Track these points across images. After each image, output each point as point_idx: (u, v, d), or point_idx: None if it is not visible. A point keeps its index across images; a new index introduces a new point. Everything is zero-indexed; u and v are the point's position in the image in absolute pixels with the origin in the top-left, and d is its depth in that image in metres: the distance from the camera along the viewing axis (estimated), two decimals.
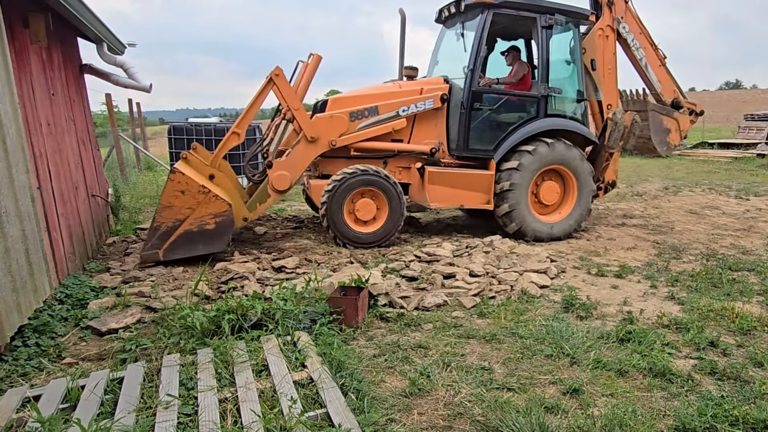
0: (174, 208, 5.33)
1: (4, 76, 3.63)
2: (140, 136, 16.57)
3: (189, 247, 5.41)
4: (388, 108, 6.41)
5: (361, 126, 6.32)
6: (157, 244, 5.32)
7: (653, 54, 7.62)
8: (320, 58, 6.34)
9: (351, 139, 6.29)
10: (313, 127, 6.10)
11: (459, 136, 6.56)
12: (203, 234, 5.42)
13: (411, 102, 6.49)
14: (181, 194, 5.32)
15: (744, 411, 2.86)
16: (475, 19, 6.57)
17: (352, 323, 4.10)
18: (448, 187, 6.56)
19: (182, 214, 5.32)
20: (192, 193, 5.35)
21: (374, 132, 6.39)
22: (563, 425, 2.84)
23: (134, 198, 10.23)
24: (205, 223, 5.38)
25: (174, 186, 5.34)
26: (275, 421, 2.62)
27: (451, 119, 6.66)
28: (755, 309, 4.56)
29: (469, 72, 6.42)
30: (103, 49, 6.80)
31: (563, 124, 6.87)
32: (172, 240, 5.34)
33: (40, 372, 3.42)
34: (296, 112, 6.04)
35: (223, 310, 3.83)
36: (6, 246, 3.42)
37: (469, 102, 6.43)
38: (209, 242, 5.46)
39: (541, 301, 4.76)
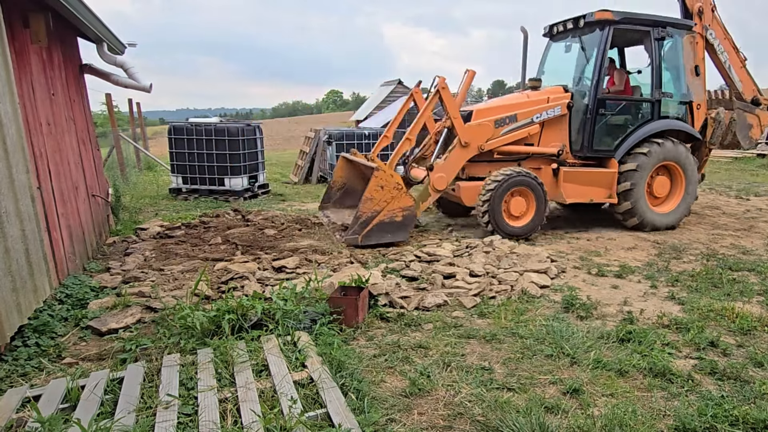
0: (374, 201, 6.20)
1: (4, 76, 3.63)
2: (140, 136, 16.58)
3: (381, 235, 6.31)
4: (524, 116, 7.24)
5: (503, 132, 7.14)
6: (358, 231, 6.20)
7: (735, 56, 8.29)
8: (474, 73, 7.42)
9: (495, 143, 7.11)
10: (467, 134, 6.87)
11: (583, 139, 7.38)
12: (393, 225, 6.34)
13: (542, 110, 7.29)
14: (380, 189, 6.18)
15: (744, 411, 2.86)
16: (593, 34, 7.40)
17: (352, 323, 4.10)
18: (578, 185, 7.40)
19: (379, 206, 6.21)
20: (389, 188, 6.24)
21: (514, 137, 7.20)
22: (563, 425, 2.84)
23: (134, 198, 10.24)
24: (395, 216, 6.30)
25: (377, 181, 6.18)
26: (275, 421, 2.62)
27: (575, 124, 7.47)
28: (755, 309, 4.56)
29: (595, 82, 7.22)
30: (103, 49, 6.80)
31: (674, 124, 7.64)
32: (369, 228, 6.23)
33: (40, 372, 3.42)
34: (455, 120, 6.86)
35: (223, 310, 3.83)
36: (6, 246, 3.42)
37: (594, 108, 7.23)
38: (396, 232, 6.38)
39: (541, 301, 4.76)
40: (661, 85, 7.46)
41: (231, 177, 10.60)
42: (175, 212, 9.08)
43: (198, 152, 10.61)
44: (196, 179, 10.72)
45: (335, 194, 8.15)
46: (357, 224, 6.16)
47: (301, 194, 11.73)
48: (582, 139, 7.37)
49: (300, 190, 12.47)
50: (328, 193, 8.22)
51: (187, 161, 10.65)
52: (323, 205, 8.22)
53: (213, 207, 9.63)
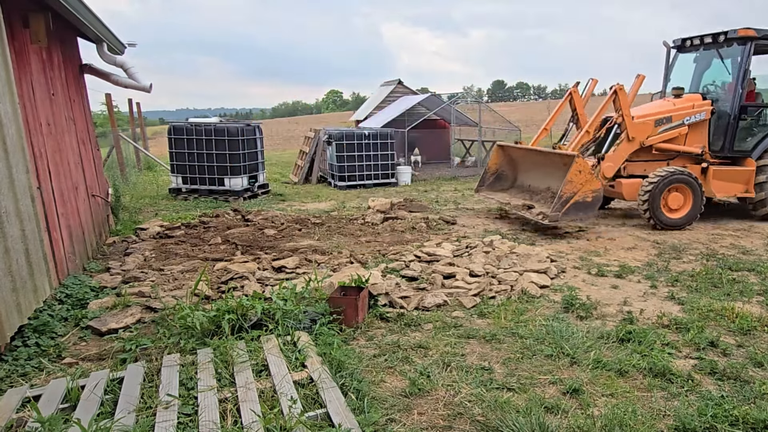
0: (573, 183, 6.89)
1: (4, 76, 3.63)
2: (140, 136, 16.58)
3: (574, 214, 7.03)
4: (677, 117, 8.10)
5: (661, 130, 8.01)
6: (558, 208, 6.90)
7: None
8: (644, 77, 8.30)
9: (654, 140, 7.97)
10: (634, 129, 7.76)
11: (724, 140, 8.24)
12: (584, 205, 7.03)
13: (691, 113, 8.15)
14: (579, 173, 6.90)
15: (744, 411, 2.87)
16: (732, 48, 8.19)
17: (352, 323, 4.10)
18: (724, 181, 8.21)
19: (576, 188, 6.91)
20: (585, 173, 6.98)
21: (668, 136, 8.07)
22: (563, 425, 2.84)
23: (134, 198, 10.24)
24: (587, 197, 7.02)
25: (577, 166, 6.88)
26: (275, 421, 2.62)
27: (715, 127, 8.35)
28: (755, 309, 4.56)
29: (739, 92, 8.05)
30: (103, 49, 6.79)
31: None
32: (567, 207, 6.94)
33: (40, 372, 3.42)
34: (627, 117, 7.69)
35: (223, 310, 3.83)
36: (6, 246, 3.42)
37: (737, 114, 8.10)
38: (586, 211, 7.08)
39: (541, 301, 4.76)
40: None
41: (231, 177, 10.61)
42: (175, 212, 9.08)
43: (198, 152, 10.61)
44: (195, 179, 10.72)
45: (489, 179, 9.06)
46: (558, 203, 6.87)
47: (301, 194, 11.73)
48: (723, 140, 8.24)
49: (300, 190, 12.47)
50: (483, 178, 9.16)
51: (187, 161, 10.65)
52: (479, 188, 9.13)
53: (213, 207, 9.63)
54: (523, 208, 7.69)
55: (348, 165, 12.48)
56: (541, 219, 6.99)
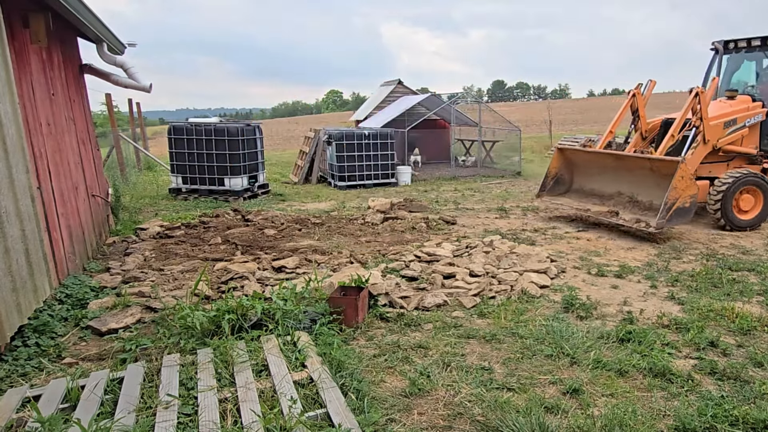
0: (677, 190, 6.75)
1: (4, 76, 3.63)
2: (140, 136, 16.58)
3: (676, 219, 6.89)
4: (741, 119, 8.19)
5: (728, 132, 8.06)
6: (664, 216, 6.75)
7: None
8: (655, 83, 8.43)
9: (724, 142, 8.00)
10: (710, 132, 7.74)
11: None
12: (684, 210, 6.90)
13: (752, 115, 8.30)
14: (681, 179, 6.76)
15: (744, 411, 2.87)
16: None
17: (352, 323, 4.10)
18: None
19: (678, 194, 6.79)
20: (686, 178, 6.84)
21: (733, 138, 8.13)
22: (563, 425, 2.84)
23: (134, 198, 10.24)
24: (686, 202, 6.86)
25: (681, 172, 6.74)
26: (275, 421, 2.62)
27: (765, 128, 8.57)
28: (755, 309, 4.56)
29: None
30: (103, 49, 6.79)
31: None
32: (671, 213, 6.79)
33: (40, 372, 3.42)
34: (705, 120, 7.65)
35: (223, 310, 3.83)
36: (6, 246, 3.42)
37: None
38: (684, 216, 6.95)
39: (541, 301, 4.76)
40: None
41: (231, 177, 10.61)
42: (174, 212, 9.08)
43: (198, 152, 10.61)
44: (195, 179, 10.72)
45: (549, 183, 8.87)
46: (664, 210, 6.75)
47: (301, 194, 11.73)
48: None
49: (300, 190, 12.47)
50: (543, 183, 8.95)
51: (187, 161, 10.65)
52: (540, 193, 8.92)
53: (213, 207, 9.63)
54: (610, 215, 7.58)
55: (348, 165, 12.48)
56: (644, 227, 6.94)
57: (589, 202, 8.21)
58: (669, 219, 6.83)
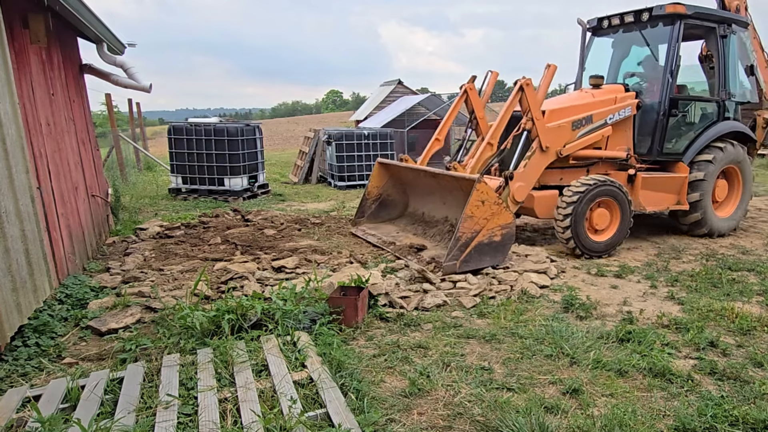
0: (474, 219, 5.22)
1: (4, 76, 3.63)
2: (140, 136, 16.57)
3: (479, 259, 5.32)
4: (599, 117, 6.60)
5: (579, 134, 6.49)
6: (457, 255, 5.20)
7: (762, 56, 8.10)
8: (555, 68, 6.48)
9: (573, 148, 6.43)
10: (548, 137, 6.18)
11: (653, 141, 6.86)
12: (491, 246, 5.37)
13: (615, 110, 6.69)
14: (480, 204, 5.21)
15: (744, 411, 2.87)
16: (658, 29, 6.86)
17: (352, 323, 4.10)
18: (655, 191, 6.85)
19: (479, 225, 5.25)
20: (490, 203, 5.26)
21: (589, 140, 6.57)
22: (563, 425, 2.84)
23: (134, 198, 10.24)
24: (494, 235, 5.35)
25: (478, 195, 5.18)
26: (275, 421, 2.62)
27: (641, 125, 6.97)
28: (755, 309, 4.56)
29: (668, 81, 6.65)
30: (102, 49, 6.80)
31: (737, 126, 7.34)
32: (468, 252, 5.24)
33: (40, 372, 3.42)
34: (537, 122, 6.12)
35: (223, 310, 3.83)
36: (6, 246, 3.42)
37: (667, 108, 6.71)
38: (495, 254, 5.42)
39: (541, 301, 4.76)
40: (726, 85, 7.13)
41: (230, 177, 10.61)
42: (174, 212, 9.08)
43: (197, 152, 10.61)
44: (195, 179, 10.72)
45: (370, 207, 7.22)
46: (456, 248, 5.20)
47: (301, 194, 11.74)
48: (651, 141, 6.89)
49: (299, 190, 12.47)
50: (362, 207, 7.29)
51: (187, 161, 10.65)
52: (357, 220, 7.27)
53: (212, 207, 9.63)
54: (411, 252, 5.86)
55: (348, 165, 12.48)
56: (434, 269, 5.27)
57: (414, 230, 6.65)
58: (467, 259, 5.23)
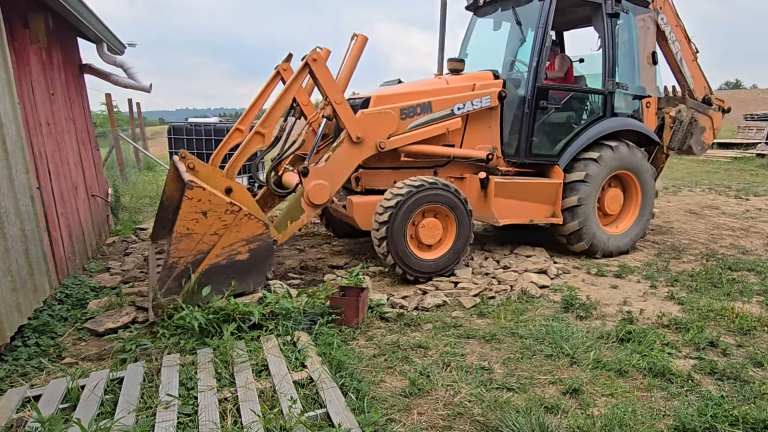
0: (194, 237, 3.91)
1: (4, 76, 3.63)
2: (140, 136, 16.57)
3: (217, 285, 4.00)
4: (442, 105, 5.41)
5: (412, 125, 5.28)
6: (174, 288, 3.89)
7: (687, 48, 7.07)
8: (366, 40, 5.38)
9: (401, 140, 5.22)
10: (359, 126, 4.96)
11: (520, 140, 5.72)
12: (235, 268, 4.12)
13: (466, 99, 5.50)
14: (202, 217, 3.91)
15: (744, 411, 2.87)
16: (531, 5, 5.83)
17: (352, 323, 4.10)
18: (515, 200, 5.74)
19: (203, 243, 3.96)
20: (217, 213, 3.96)
21: (427, 133, 5.36)
22: (563, 425, 2.84)
23: (134, 198, 10.23)
24: (235, 253, 4.11)
25: (194, 205, 3.87)
26: (275, 421, 2.62)
27: (508, 120, 5.84)
28: (755, 309, 4.56)
29: (534, 65, 5.55)
30: (102, 49, 6.80)
31: (630, 124, 6.22)
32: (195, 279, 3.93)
33: (40, 372, 3.42)
34: (338, 106, 4.89)
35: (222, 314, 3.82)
36: (6, 246, 3.42)
37: (534, 100, 5.60)
38: (244, 277, 4.18)
39: (541, 301, 4.76)
40: (614, 74, 5.96)
41: None
42: None
43: (198, 152, 10.59)
44: None
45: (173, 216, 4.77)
46: (171, 278, 3.88)
47: None
48: (518, 140, 5.73)
49: None
50: (160, 218, 5.74)
51: None
52: (156, 234, 5.77)
53: None
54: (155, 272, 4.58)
55: None
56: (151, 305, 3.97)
57: None
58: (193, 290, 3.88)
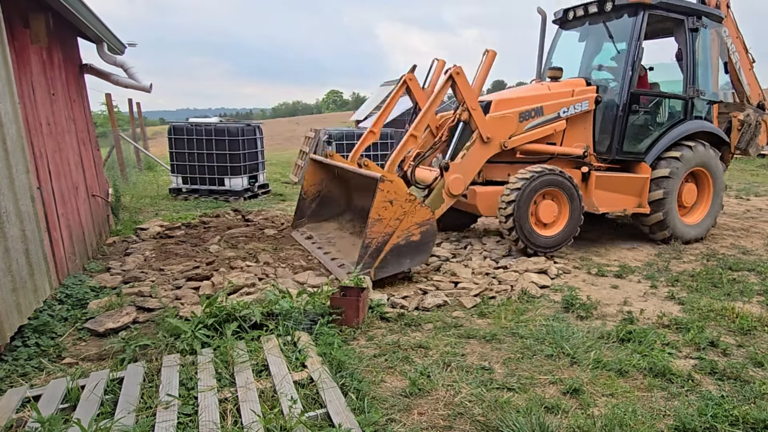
0: (383, 222, 4.88)
1: (5, 76, 3.63)
2: (140, 136, 16.58)
3: (397, 263, 5.01)
4: (551, 109, 6.29)
5: (528, 127, 6.17)
6: (369, 263, 4.87)
7: (745, 58, 7.83)
8: (495, 54, 6.05)
9: (519, 140, 6.11)
10: (488, 127, 5.85)
11: (613, 139, 6.53)
12: (410, 247, 5.05)
13: (569, 103, 6.39)
14: (389, 205, 4.87)
15: (744, 411, 2.87)
16: (622, 20, 6.57)
17: (353, 323, 4.10)
18: (611, 192, 6.57)
19: (390, 227, 4.91)
20: (400, 202, 4.92)
21: (539, 134, 6.25)
22: (563, 425, 2.84)
23: (134, 198, 10.24)
24: (411, 235, 5.01)
25: (384, 196, 4.85)
26: (275, 421, 2.62)
27: (601, 121, 6.64)
28: (755, 309, 4.56)
29: (629, 74, 6.36)
30: (103, 49, 6.80)
31: (706, 126, 7.01)
32: (382, 257, 4.93)
33: (40, 372, 3.42)
34: (474, 111, 5.78)
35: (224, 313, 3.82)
36: (6, 246, 3.42)
37: (627, 104, 6.40)
38: (415, 255, 5.10)
39: (541, 301, 4.76)
40: (695, 82, 6.80)
41: (231, 177, 10.61)
42: (175, 212, 9.08)
43: (198, 152, 10.61)
44: (196, 179, 10.72)
45: (309, 206, 6.92)
46: (367, 255, 4.86)
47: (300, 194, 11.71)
48: (610, 139, 6.58)
49: (300, 189, 12.46)
50: (300, 208, 6.92)
51: (187, 161, 10.65)
52: (297, 223, 6.93)
53: (213, 207, 9.63)
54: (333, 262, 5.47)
55: None
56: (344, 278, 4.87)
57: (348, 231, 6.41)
58: (382, 265, 4.91)
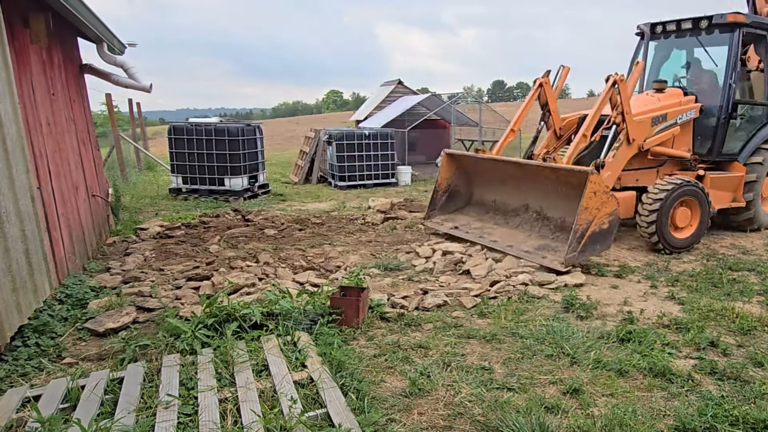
0: (589, 210, 5.43)
1: (5, 76, 3.63)
2: (140, 136, 16.58)
3: (591, 248, 5.60)
4: (672, 116, 6.96)
5: (657, 131, 6.81)
6: (575, 247, 5.43)
7: None
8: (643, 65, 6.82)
9: (652, 142, 6.76)
10: (635, 130, 6.48)
11: (714, 142, 7.31)
12: (601, 234, 5.61)
13: (682, 111, 7.08)
14: (593, 195, 5.41)
15: (744, 411, 2.86)
16: (716, 36, 7.28)
17: (353, 323, 4.10)
18: (719, 190, 7.25)
19: (592, 215, 5.48)
20: (600, 193, 5.48)
21: (663, 137, 6.90)
22: (563, 425, 2.84)
23: (134, 198, 10.24)
24: (603, 223, 5.59)
25: (592, 187, 5.38)
26: (275, 421, 2.62)
27: (701, 127, 7.38)
28: (755, 309, 4.56)
29: (729, 85, 7.11)
30: (103, 49, 6.80)
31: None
32: (584, 242, 5.48)
33: (40, 372, 3.42)
34: (627, 115, 6.38)
35: (224, 313, 3.82)
36: (6, 246, 3.42)
37: (728, 112, 7.17)
38: (603, 241, 5.67)
39: (541, 302, 4.76)
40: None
41: (231, 177, 10.61)
42: (175, 212, 9.08)
43: (198, 152, 10.62)
44: (196, 179, 10.72)
45: (441, 198, 7.40)
46: (575, 240, 5.41)
47: (301, 194, 11.73)
48: (712, 142, 7.34)
49: (300, 190, 12.47)
50: (433, 200, 7.46)
51: (187, 161, 10.65)
52: (430, 214, 7.43)
53: (213, 207, 9.63)
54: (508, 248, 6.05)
55: (348, 165, 12.47)
56: (552, 264, 5.52)
57: (490, 221, 6.87)
58: (583, 249, 5.53)
